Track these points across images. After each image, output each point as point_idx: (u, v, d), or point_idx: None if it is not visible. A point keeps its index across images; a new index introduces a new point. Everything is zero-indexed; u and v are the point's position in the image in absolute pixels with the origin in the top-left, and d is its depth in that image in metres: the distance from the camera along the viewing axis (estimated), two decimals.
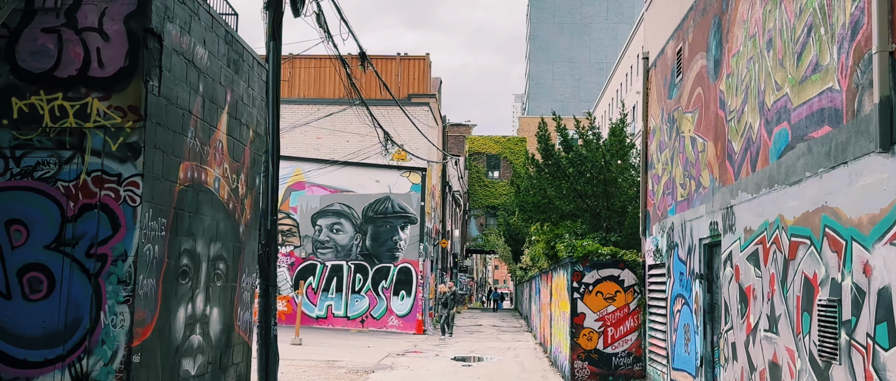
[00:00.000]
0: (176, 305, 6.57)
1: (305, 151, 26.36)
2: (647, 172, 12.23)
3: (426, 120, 26.71)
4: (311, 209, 26.21)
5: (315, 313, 25.96)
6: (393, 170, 26.05)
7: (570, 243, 12.39)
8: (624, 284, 12.37)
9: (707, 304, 8.76)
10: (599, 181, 15.36)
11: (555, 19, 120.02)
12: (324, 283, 26.01)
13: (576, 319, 12.40)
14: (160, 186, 6.20)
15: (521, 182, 17.95)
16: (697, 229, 8.93)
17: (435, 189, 30.52)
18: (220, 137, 7.49)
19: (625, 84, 43.55)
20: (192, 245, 6.86)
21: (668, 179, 10.68)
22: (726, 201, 7.81)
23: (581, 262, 12.35)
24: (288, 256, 26.21)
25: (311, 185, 26.29)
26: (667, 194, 10.69)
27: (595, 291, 12.38)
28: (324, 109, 26.81)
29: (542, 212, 16.14)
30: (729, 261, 7.68)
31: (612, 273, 12.36)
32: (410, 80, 29.66)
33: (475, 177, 56.65)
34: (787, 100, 6.23)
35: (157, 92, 6.14)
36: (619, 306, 12.31)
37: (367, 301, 25.87)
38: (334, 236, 26.11)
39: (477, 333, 27.37)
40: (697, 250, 8.93)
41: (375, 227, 25.98)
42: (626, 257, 12.21)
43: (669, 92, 10.67)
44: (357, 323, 25.83)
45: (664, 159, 10.94)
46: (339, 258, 26.02)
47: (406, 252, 25.79)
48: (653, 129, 11.87)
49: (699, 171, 8.95)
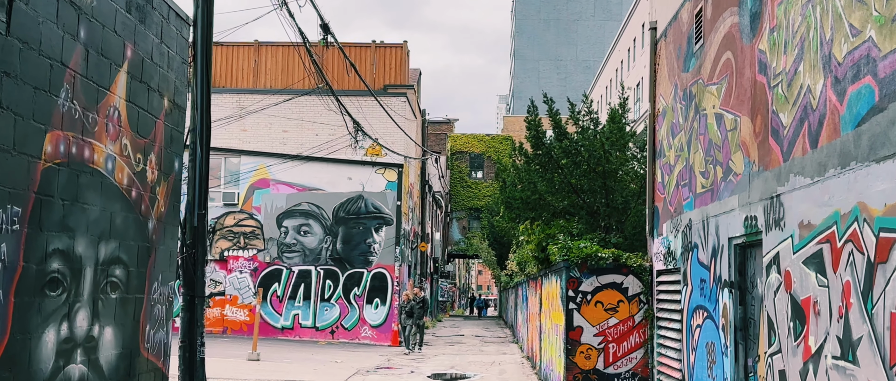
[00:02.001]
0: (40, 324, 4.93)
1: (270, 146, 24.69)
2: (655, 162, 10.73)
3: (403, 112, 25.14)
4: (277, 209, 24.53)
5: (280, 324, 24.26)
6: (367, 166, 24.44)
7: (565, 245, 10.87)
8: (627, 292, 10.85)
9: (739, 319, 7.25)
10: (597, 174, 13.78)
11: (540, 16, 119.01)
12: (290, 290, 24.33)
13: (571, 333, 10.87)
14: (8, 161, 4.57)
15: (506, 176, 16.37)
16: (726, 225, 7.42)
17: (413, 188, 28.92)
18: (114, 103, 5.86)
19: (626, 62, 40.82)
20: (68, 245, 5.23)
21: (683, 168, 9.18)
22: (770, 188, 6.30)
23: (578, 267, 10.82)
24: (251, 260, 24.51)
25: (277, 182, 24.62)
26: (682, 185, 9.18)
27: (594, 301, 10.85)
28: (291, 100, 25.15)
29: (532, 209, 14.55)
30: (774, 265, 6.17)
31: (613, 280, 10.85)
32: (387, 70, 28.08)
33: (457, 177, 55.10)
34: (870, 47, 4.72)
35: (4, 30, 4.51)
36: (622, 319, 10.79)
37: (337, 310, 24.22)
38: (302, 238, 24.45)
39: (458, 344, 25.80)
40: (726, 253, 7.43)
41: (347, 228, 24.35)
42: (631, 262, 10.70)
43: (685, 64, 9.18)
44: (326, 334, 24.16)
45: (678, 145, 9.44)
46: (308, 263, 24.35)
47: (381, 256, 24.18)
48: (662, 110, 10.38)
49: (728, 154, 7.45)
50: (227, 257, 24.55)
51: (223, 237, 24.60)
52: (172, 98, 6.99)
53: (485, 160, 55.39)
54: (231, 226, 24.61)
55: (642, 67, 33.98)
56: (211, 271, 24.58)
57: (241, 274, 24.46)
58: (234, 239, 24.55)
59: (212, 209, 24.51)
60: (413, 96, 28.39)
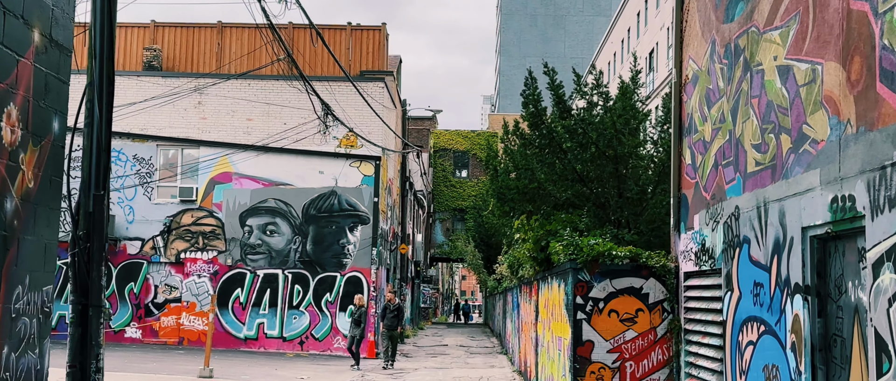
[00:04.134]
0: None
1: (233, 136, 22.87)
2: (681, 140, 9.08)
3: (381, 99, 23.39)
4: (240, 206, 22.70)
5: (243, 334, 22.41)
6: (340, 159, 22.68)
7: (572, 242, 9.19)
8: (648, 299, 9.19)
9: (817, 335, 5.60)
10: (607, 159, 12.03)
11: (527, 11, 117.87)
12: (254, 296, 22.50)
13: (580, 349, 9.18)
14: None
15: (497, 163, 14.59)
16: (798, 211, 5.77)
17: (392, 184, 27.18)
18: None
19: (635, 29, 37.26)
20: None
21: (725, 144, 7.53)
22: (879, 154, 4.65)
23: (588, 268, 9.15)
24: (210, 263, 22.64)
25: (240, 176, 22.78)
26: (724, 164, 7.53)
27: (607, 309, 9.18)
28: (257, 86, 23.33)
29: (529, 201, 12.77)
30: (889, 263, 4.51)
31: (631, 284, 9.18)
32: (364, 55, 26.30)
33: (441, 176, 53.40)
34: None
35: None
36: (641, 332, 9.12)
37: (307, 318, 22.42)
38: (268, 238, 22.63)
39: (441, 355, 24.09)
40: (798, 247, 5.77)
41: (318, 228, 22.56)
42: (652, 262, 9.05)
43: (727, 13, 7.53)
44: (295, 346, 22.35)
45: (717, 115, 7.79)
46: (274, 266, 22.54)
47: (356, 259, 22.43)
48: (692, 76, 8.73)
49: (800, 117, 5.80)
50: (183, 260, 22.68)
51: (179, 237, 22.73)
52: (48, 32, 5.20)
53: (470, 158, 53.72)
54: (188, 225, 22.75)
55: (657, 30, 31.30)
56: (166, 276, 22.72)
57: (200, 278, 22.60)
58: (191, 239, 22.69)
59: (167, 206, 22.66)
60: (392, 84, 26.66)
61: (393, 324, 18.91)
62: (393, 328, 18.91)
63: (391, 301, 19.38)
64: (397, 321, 19.03)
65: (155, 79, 23.36)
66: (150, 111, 23.19)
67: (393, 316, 18.96)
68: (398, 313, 19.12)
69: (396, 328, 19.02)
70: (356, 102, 22.15)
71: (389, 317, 18.97)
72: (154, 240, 22.70)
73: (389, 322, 18.91)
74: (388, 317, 18.98)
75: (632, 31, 37.76)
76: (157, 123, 23.14)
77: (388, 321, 18.96)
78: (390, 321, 18.93)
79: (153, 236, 22.71)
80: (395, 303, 19.34)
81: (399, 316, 19.18)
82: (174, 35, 25.47)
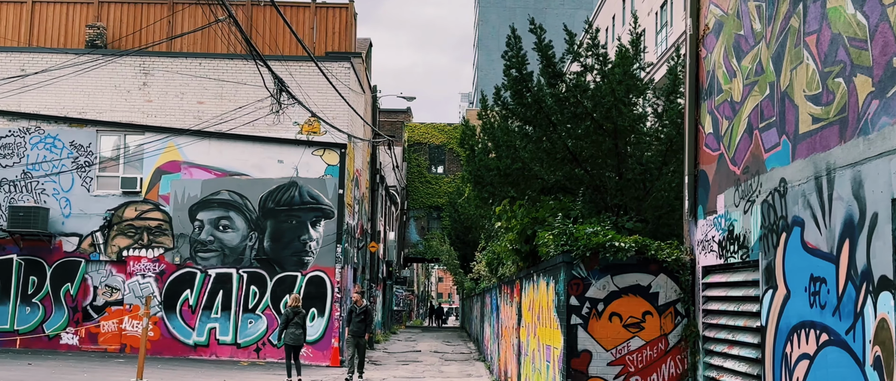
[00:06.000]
0: None
1: (182, 120, 21.12)
2: (698, 106, 7.61)
3: (347, 81, 21.77)
4: (190, 199, 20.98)
5: (192, 340, 20.69)
6: (302, 146, 21.05)
7: (566, 230, 7.70)
8: (657, 300, 7.72)
9: None
10: (605, 133, 10.43)
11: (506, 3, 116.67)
12: (205, 298, 20.79)
13: (575, 361, 7.69)
14: None
15: (474, 142, 12.85)
16: (888, 177, 4.30)
17: (360, 176, 25.56)
18: None
19: None
20: None
21: (763, 101, 6.07)
22: None
23: (584, 262, 7.66)
24: (156, 262, 20.90)
25: (190, 166, 21.06)
26: (762, 127, 6.07)
27: (608, 312, 7.70)
28: (209, 65, 21.59)
29: (513, 184, 11.11)
30: None
31: (637, 281, 7.71)
32: (329, 35, 24.61)
33: (415, 172, 51.78)
34: None
35: None
36: (649, 340, 7.65)
37: (264, 323, 20.75)
38: (221, 234, 20.93)
39: (413, 362, 22.53)
40: (886, 227, 4.31)
41: (277, 222, 20.91)
42: (662, 254, 7.59)
43: None
44: (250, 353, 20.67)
45: (751, 67, 6.32)
46: (228, 265, 20.85)
47: (319, 257, 20.80)
48: (713, 26, 7.26)
49: (890, 46, 4.32)
50: (126, 259, 20.91)
51: (122, 233, 20.96)
52: None
53: (446, 153, 52.15)
54: (132, 219, 20.98)
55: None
56: (106, 276, 20.94)
57: (145, 279, 20.84)
58: (135, 235, 20.93)
59: (108, 199, 20.92)
60: (361, 66, 25.03)
61: (360, 330, 16.85)
62: (360, 335, 16.88)
63: (358, 303, 17.09)
64: (364, 326, 16.95)
65: (95, 57, 21.55)
66: (89, 93, 21.39)
67: (359, 321, 16.88)
68: (365, 316, 17.04)
69: (363, 334, 16.99)
70: (319, 83, 20.52)
71: (356, 321, 16.88)
72: (93, 236, 20.91)
73: (355, 328, 16.87)
74: (355, 321, 16.92)
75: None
76: (97, 105, 21.34)
77: (354, 326, 16.93)
78: (357, 327, 16.88)
79: (92, 231, 20.91)
80: (361, 305, 17.01)
81: (366, 320, 17.13)
82: (120, 11, 23.65)
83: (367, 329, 17.27)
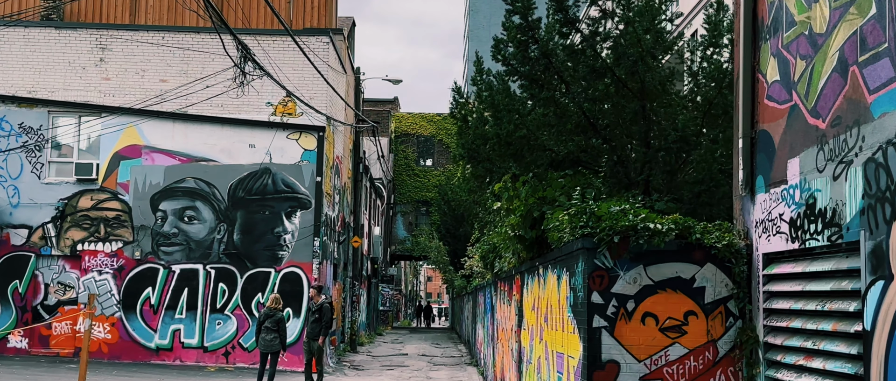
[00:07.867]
0: None
1: (144, 100, 19.48)
2: (756, 49, 6.11)
3: (326, 58, 20.20)
4: (152, 187, 19.38)
5: (154, 343, 19.10)
6: (275, 129, 19.47)
7: (585, 208, 6.19)
8: (703, 297, 6.23)
9: None
10: (630, 93, 8.77)
11: None
12: (168, 297, 19.20)
13: (598, 373, 6.19)
14: None
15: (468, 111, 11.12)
16: None
17: (341, 163, 24.00)
18: None
19: None
20: None
21: (865, 25, 4.58)
22: None
23: (610, 249, 6.15)
24: (114, 257, 19.30)
25: (151, 150, 19.45)
26: (863, 60, 4.57)
27: (640, 312, 6.21)
28: (173, 40, 19.96)
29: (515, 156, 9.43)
30: None
31: (678, 273, 6.22)
32: (308, 11, 23.00)
33: (403, 164, 50.21)
34: None
35: None
36: (694, 347, 6.15)
37: (234, 324, 19.18)
38: (186, 226, 19.35)
39: (399, 367, 21.03)
40: None
41: (248, 213, 19.34)
42: (710, 239, 6.12)
43: None
44: (218, 357, 19.10)
45: None
46: (194, 260, 19.26)
47: (294, 251, 19.25)
48: None
49: None
50: (81, 253, 19.29)
51: (76, 225, 19.33)
52: None
53: (436, 145, 50.60)
54: (87, 209, 19.35)
55: None
56: (59, 272, 19.33)
57: (101, 275, 19.24)
58: (91, 228, 19.30)
59: (61, 187, 19.29)
60: (342, 45, 23.46)
61: (313, 331, 14.93)
62: (313, 336, 15.00)
63: (313, 300, 15.19)
64: (319, 327, 14.86)
65: (47, 30, 19.91)
66: (40, 70, 19.74)
67: (314, 320, 14.96)
68: (321, 315, 14.89)
69: (317, 337, 14.95)
70: (295, 59, 18.96)
71: (311, 321, 15.04)
72: (44, 228, 19.27)
73: (310, 329, 15.04)
74: (310, 321, 15.09)
75: None
76: (49, 84, 19.70)
77: (309, 326, 15.14)
78: (311, 328, 15.00)
79: (43, 223, 19.28)
80: (317, 302, 15.08)
81: (322, 320, 14.92)
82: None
83: (324, 331, 15.10)
